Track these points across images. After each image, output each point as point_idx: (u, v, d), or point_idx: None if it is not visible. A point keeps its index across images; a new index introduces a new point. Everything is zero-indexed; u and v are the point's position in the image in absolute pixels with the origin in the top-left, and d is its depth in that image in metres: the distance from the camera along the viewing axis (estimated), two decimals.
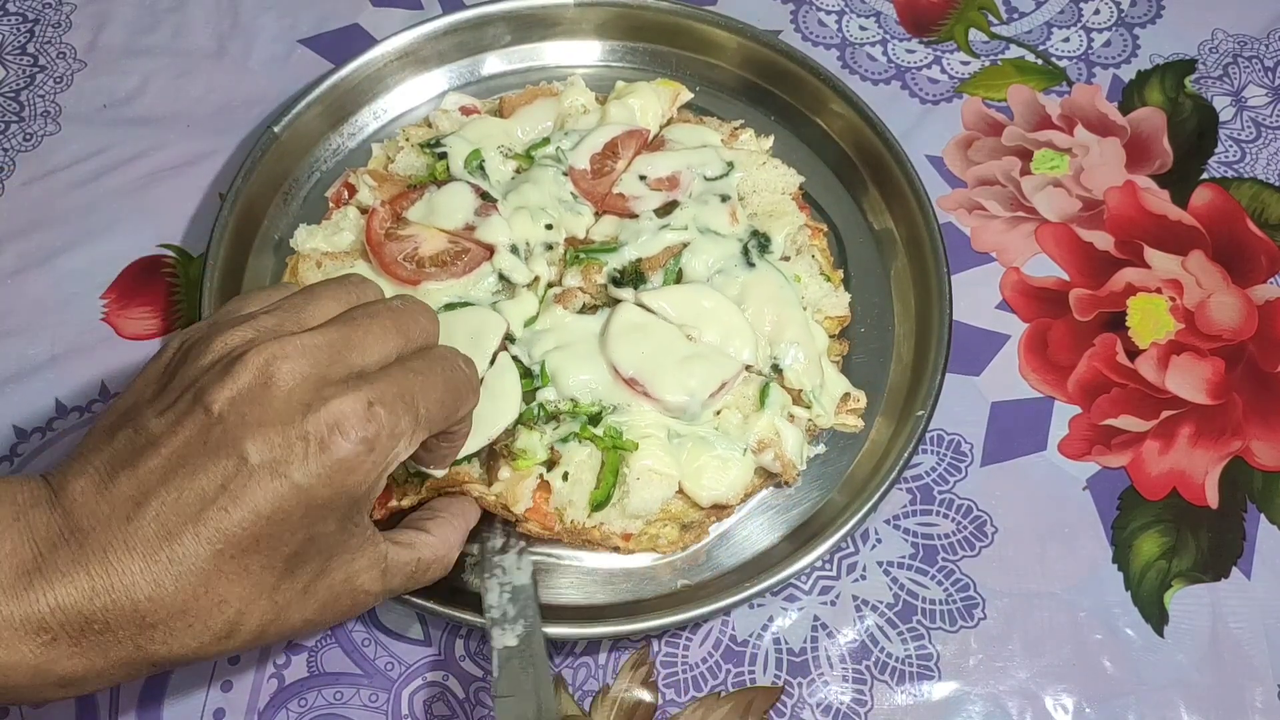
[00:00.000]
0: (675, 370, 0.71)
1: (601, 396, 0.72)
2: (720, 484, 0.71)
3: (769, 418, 0.73)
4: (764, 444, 0.72)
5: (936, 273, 0.81)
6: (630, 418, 0.71)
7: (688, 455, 0.71)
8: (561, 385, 0.72)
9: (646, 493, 0.70)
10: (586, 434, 0.70)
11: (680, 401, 0.71)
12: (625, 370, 0.71)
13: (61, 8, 1.02)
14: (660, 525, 0.72)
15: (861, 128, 0.88)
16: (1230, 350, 0.85)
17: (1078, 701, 0.73)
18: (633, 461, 0.70)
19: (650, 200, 0.82)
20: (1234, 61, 1.00)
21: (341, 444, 0.49)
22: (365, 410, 0.49)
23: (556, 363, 0.72)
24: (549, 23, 0.95)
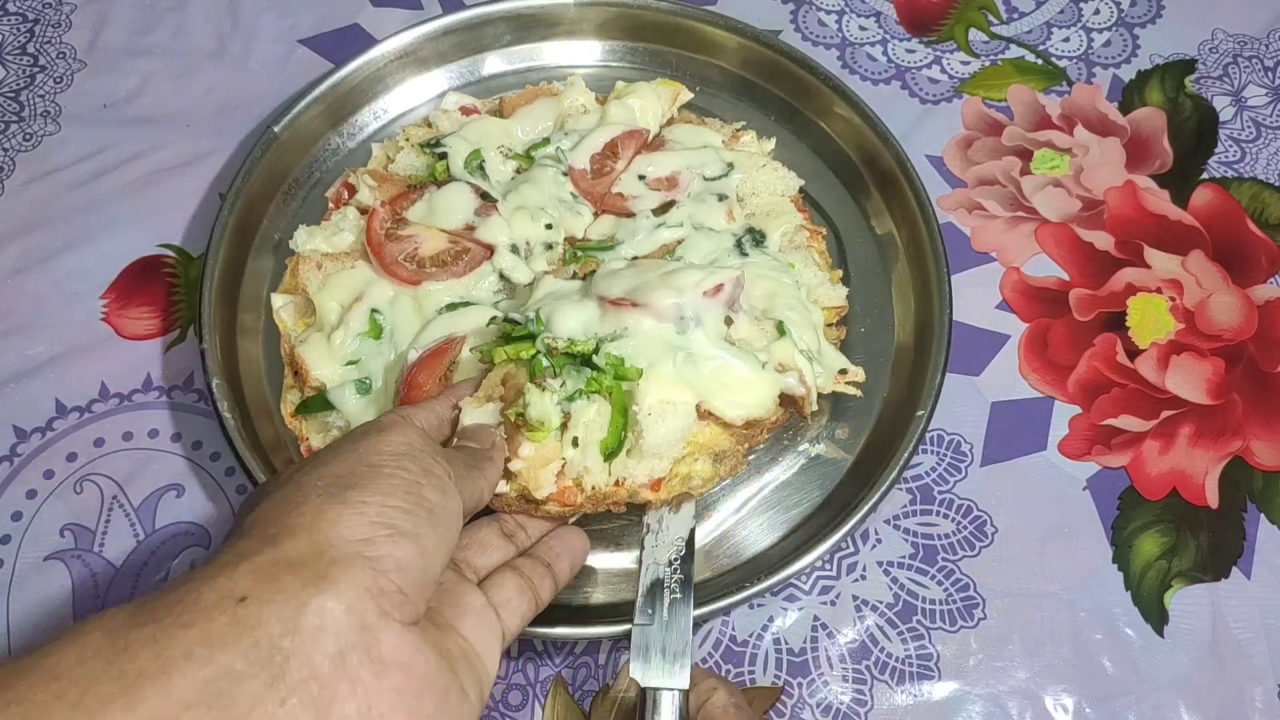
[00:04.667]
0: (662, 280, 0.68)
1: (596, 330, 0.67)
2: (749, 396, 0.67)
3: (789, 345, 0.70)
4: (786, 366, 0.69)
5: (936, 273, 0.81)
6: (630, 343, 0.66)
7: (706, 376, 0.66)
8: (556, 326, 0.68)
9: (662, 426, 0.65)
10: (593, 386, 0.65)
11: (672, 301, 0.66)
12: (612, 294, 0.68)
13: (61, 8, 1.02)
14: (690, 462, 0.68)
15: (862, 129, 0.88)
16: (1230, 350, 0.85)
17: (1078, 701, 0.73)
18: (641, 397, 0.65)
19: (649, 200, 0.82)
20: (1234, 61, 1.00)
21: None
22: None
23: (549, 309, 0.69)
24: (549, 23, 0.95)
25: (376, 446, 0.54)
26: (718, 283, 0.68)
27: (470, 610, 0.55)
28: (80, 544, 0.77)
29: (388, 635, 0.45)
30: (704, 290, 0.67)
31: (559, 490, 0.65)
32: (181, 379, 0.84)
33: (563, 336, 0.67)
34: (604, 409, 0.66)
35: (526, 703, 0.72)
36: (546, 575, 0.62)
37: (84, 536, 0.77)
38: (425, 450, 0.55)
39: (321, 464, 0.52)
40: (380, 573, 0.46)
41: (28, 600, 0.75)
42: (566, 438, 0.65)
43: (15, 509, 0.78)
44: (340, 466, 0.52)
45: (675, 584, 0.66)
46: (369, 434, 0.55)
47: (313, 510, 0.48)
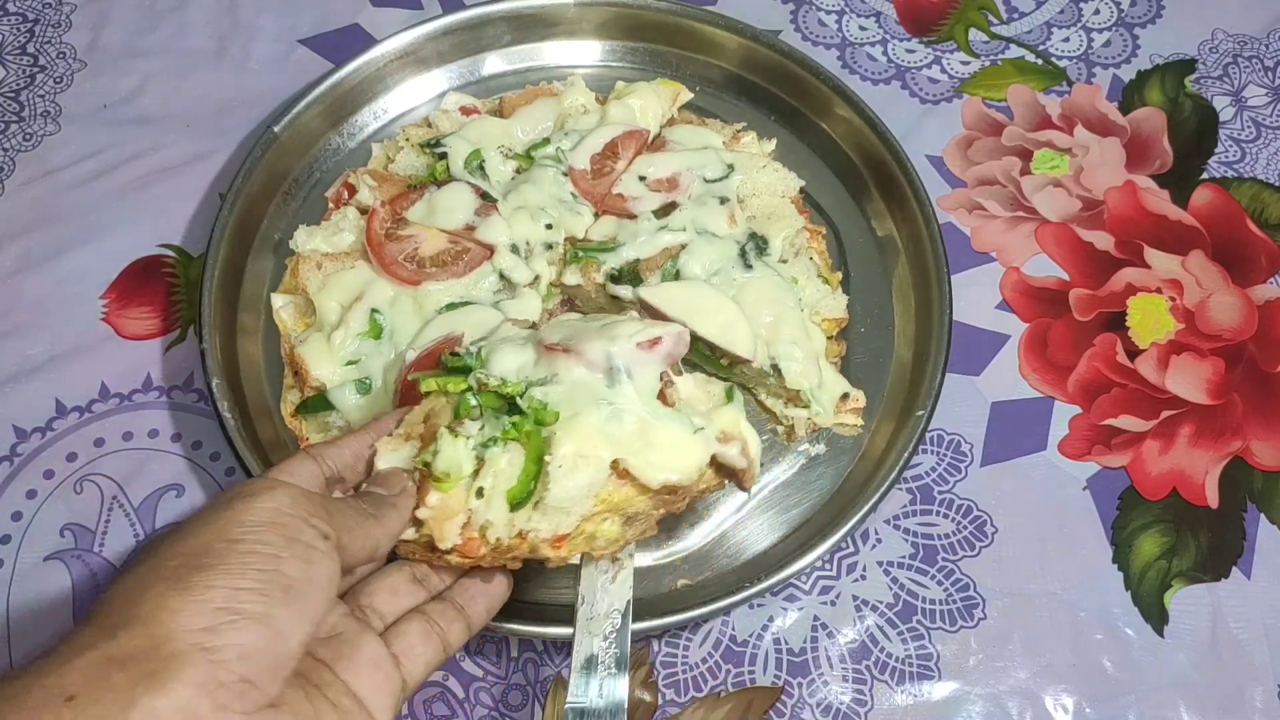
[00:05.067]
0: (600, 330, 0.65)
1: (529, 374, 0.65)
2: (673, 461, 0.62)
3: (734, 413, 0.66)
4: (729, 435, 0.64)
5: (936, 274, 0.81)
6: (557, 389, 0.63)
7: (629, 432, 0.62)
8: (492, 365, 0.66)
9: (570, 480, 0.60)
10: (510, 434, 0.62)
11: (603, 351, 0.63)
12: (549, 339, 0.65)
13: (61, 8, 1.02)
14: (598, 521, 0.63)
15: (863, 129, 0.88)
16: (1230, 350, 0.85)
17: (1078, 701, 0.73)
18: (556, 447, 0.61)
19: (649, 201, 0.82)
20: (1234, 61, 1.00)
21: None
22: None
23: (490, 348, 0.67)
24: (549, 23, 0.95)
25: (238, 517, 0.51)
26: (655, 336, 0.64)
27: (365, 662, 0.55)
28: (80, 544, 0.77)
29: None
30: (639, 342, 0.64)
31: (463, 541, 0.62)
32: (181, 379, 0.83)
33: (496, 376, 0.65)
34: (516, 459, 0.62)
35: (527, 703, 0.72)
36: (458, 619, 0.61)
37: (84, 536, 0.77)
38: (295, 514, 0.52)
39: (180, 539, 0.50)
40: (219, 664, 0.45)
41: (28, 600, 0.75)
42: (473, 487, 0.61)
43: (15, 509, 0.78)
44: (196, 542, 0.50)
45: (611, 659, 0.62)
46: (233, 501, 0.52)
47: (154, 598, 0.46)
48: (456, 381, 0.65)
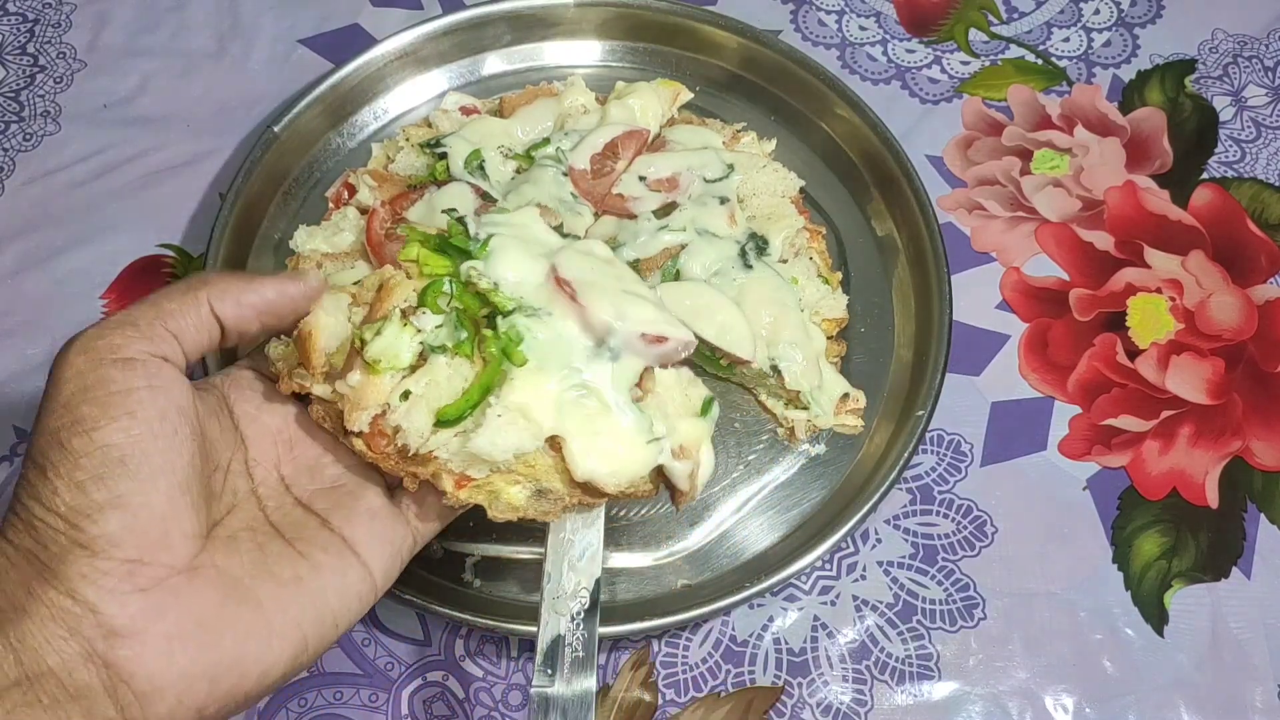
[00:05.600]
0: (616, 294, 0.60)
1: (525, 294, 0.59)
2: (606, 461, 0.57)
3: (701, 430, 0.61)
4: (686, 451, 0.60)
5: (936, 273, 0.81)
6: (541, 330, 0.58)
7: (584, 415, 0.57)
8: (496, 264, 0.59)
9: (499, 436, 0.55)
10: (465, 351, 0.57)
11: (607, 318, 0.58)
12: (563, 272, 0.59)
13: (62, 7, 1.02)
14: (509, 480, 0.58)
15: (863, 129, 0.88)
16: (1230, 350, 0.85)
17: (1078, 701, 0.73)
18: (505, 392, 0.56)
19: (649, 201, 0.82)
20: (1234, 61, 1.00)
21: None
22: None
23: (501, 243, 0.61)
24: (549, 23, 0.95)
25: (51, 401, 0.48)
26: (662, 335, 0.59)
27: (362, 511, 0.56)
28: None
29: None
30: (644, 333, 0.59)
31: (370, 431, 0.57)
32: None
33: (492, 278, 0.58)
34: (458, 377, 0.57)
35: (526, 703, 0.72)
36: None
37: None
38: (95, 365, 0.49)
39: (31, 443, 0.49)
40: (96, 554, 0.46)
41: None
42: (400, 386, 0.57)
43: None
44: (38, 443, 0.48)
45: (578, 640, 0.58)
46: (49, 383, 0.49)
47: (25, 503, 0.47)
48: (443, 262, 0.59)
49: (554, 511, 0.58)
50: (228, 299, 0.55)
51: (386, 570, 0.56)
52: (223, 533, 0.52)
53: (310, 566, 0.52)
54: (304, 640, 0.51)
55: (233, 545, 0.52)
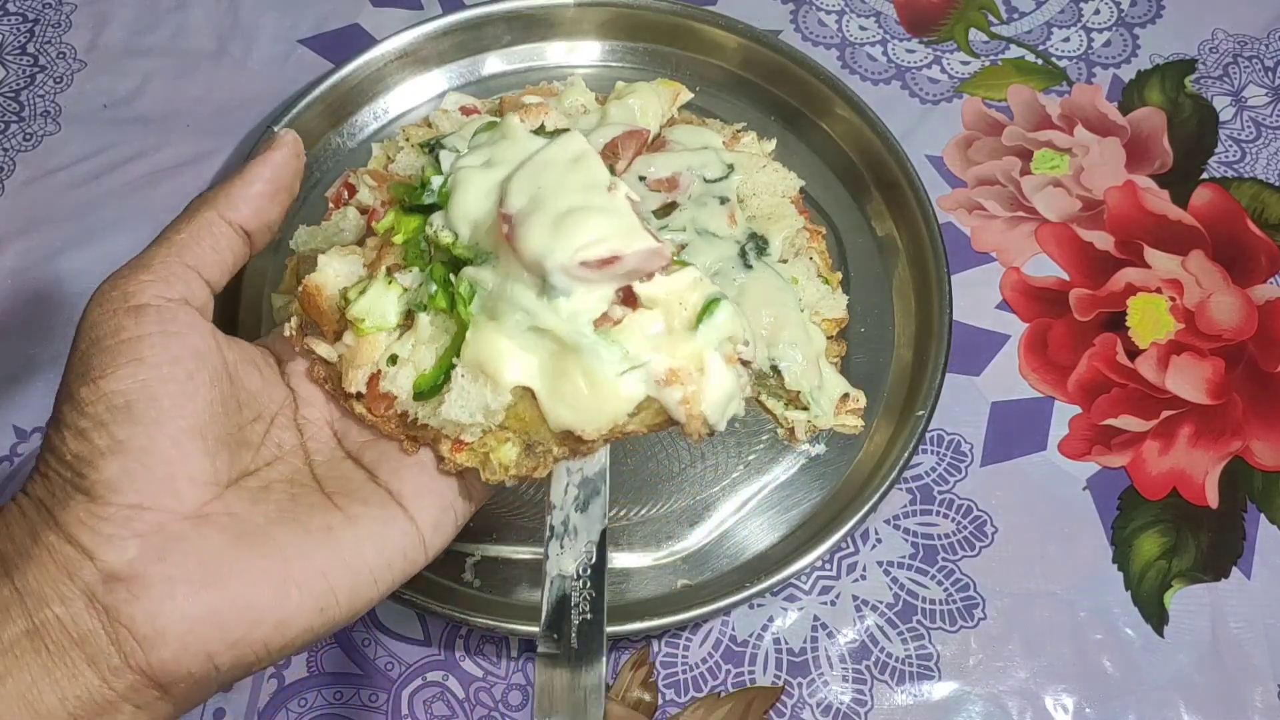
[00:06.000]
0: (558, 217, 0.49)
1: (480, 239, 0.52)
2: (576, 407, 0.50)
3: (698, 343, 0.50)
4: (675, 377, 0.50)
5: (936, 273, 0.81)
6: (492, 278, 0.51)
7: (547, 358, 0.50)
8: (456, 206, 0.52)
9: (463, 397, 0.51)
10: (438, 303, 0.52)
11: (531, 253, 0.48)
12: (508, 202, 0.50)
13: (61, 7, 1.02)
14: (500, 439, 0.52)
15: (863, 129, 0.88)
16: (1230, 350, 0.85)
17: (1078, 701, 0.73)
18: (465, 350, 0.51)
19: (649, 201, 0.82)
20: (1234, 61, 1.00)
21: None
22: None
23: (464, 177, 0.53)
24: (549, 23, 0.95)
25: (74, 347, 0.47)
26: (612, 254, 0.49)
27: (412, 463, 0.52)
28: None
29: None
30: (584, 260, 0.48)
31: (370, 393, 0.53)
32: None
33: (454, 224, 0.52)
34: (441, 335, 0.53)
35: (527, 703, 0.72)
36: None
37: None
38: (110, 311, 0.47)
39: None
40: (94, 499, 0.44)
41: None
42: (389, 348, 0.53)
43: None
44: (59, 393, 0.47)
45: (585, 601, 0.53)
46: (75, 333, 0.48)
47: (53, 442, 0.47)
48: (414, 222, 0.55)
49: (543, 465, 0.52)
50: (237, 203, 0.52)
51: (437, 525, 0.51)
52: (254, 482, 0.50)
53: (345, 518, 0.49)
54: (330, 592, 0.47)
55: (261, 495, 0.49)
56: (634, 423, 0.51)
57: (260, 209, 0.53)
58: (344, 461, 0.54)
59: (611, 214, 0.50)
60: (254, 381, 0.53)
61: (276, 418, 0.54)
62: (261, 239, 0.54)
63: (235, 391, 0.51)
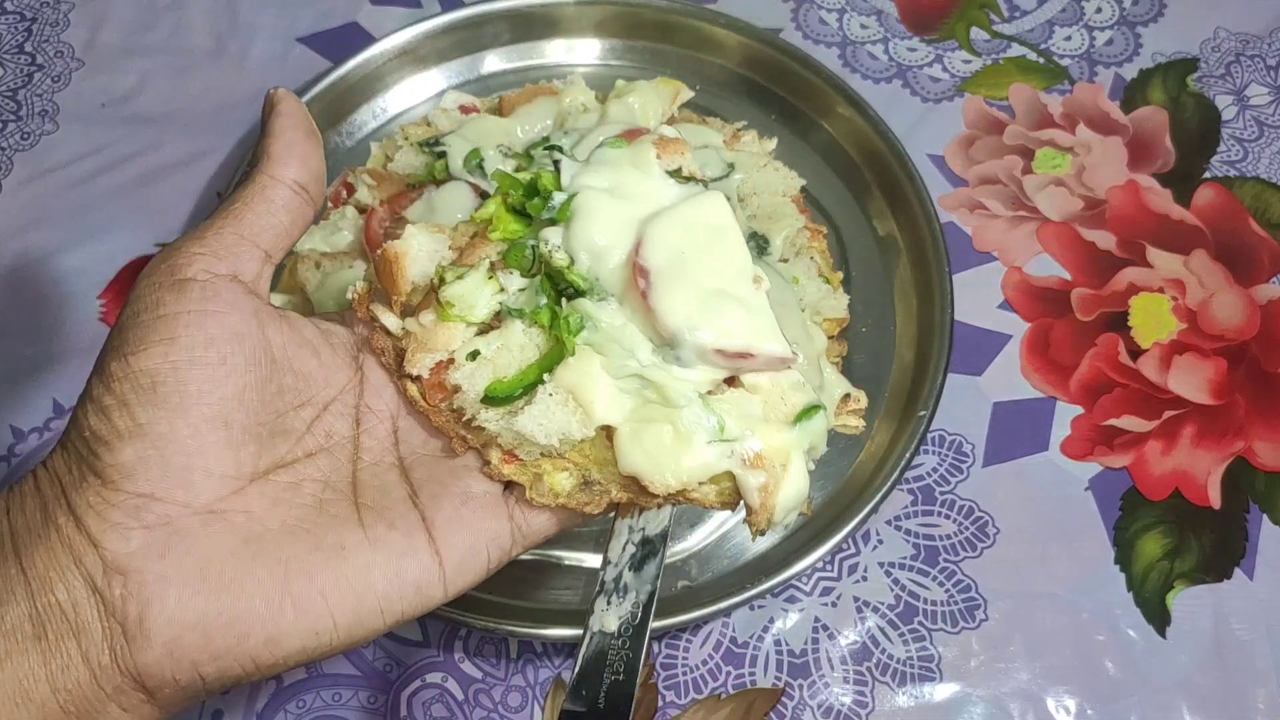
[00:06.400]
0: (699, 295, 0.50)
1: (603, 274, 0.52)
2: (655, 456, 0.50)
3: (790, 440, 0.52)
4: (761, 462, 0.51)
5: (938, 273, 0.81)
6: (608, 318, 0.51)
7: (642, 403, 0.51)
8: (577, 232, 0.51)
9: (546, 417, 0.50)
10: (540, 318, 0.52)
11: (672, 324, 0.49)
12: (645, 253, 0.50)
13: (59, 6, 1.02)
14: (559, 465, 0.52)
15: (864, 128, 0.88)
16: (1233, 350, 0.85)
17: (1080, 703, 0.72)
18: (560, 371, 0.51)
19: None
20: (1236, 60, 1.00)
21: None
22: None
23: (590, 202, 0.52)
24: (548, 21, 0.95)
25: (112, 329, 0.47)
26: (747, 351, 0.50)
27: (454, 494, 0.49)
28: None
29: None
30: (720, 348, 0.50)
31: (431, 379, 0.52)
32: None
33: (572, 247, 0.51)
34: (530, 347, 0.52)
35: (526, 704, 0.72)
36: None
37: None
38: (154, 285, 0.46)
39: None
40: (107, 484, 0.43)
41: None
42: (470, 343, 0.52)
43: None
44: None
45: (621, 662, 0.51)
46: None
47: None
48: (518, 226, 0.54)
49: (595, 504, 0.52)
50: (282, 158, 0.51)
51: (462, 564, 0.49)
52: (286, 477, 0.48)
53: (364, 539, 0.47)
54: (329, 615, 0.45)
55: (287, 494, 0.47)
56: (701, 491, 0.52)
57: (304, 156, 0.51)
58: (391, 470, 0.51)
59: (754, 310, 0.51)
60: (308, 364, 0.50)
61: (333, 403, 0.51)
62: (317, 191, 0.52)
63: (279, 375, 0.48)
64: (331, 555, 0.46)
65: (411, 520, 0.48)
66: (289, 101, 0.53)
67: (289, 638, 0.44)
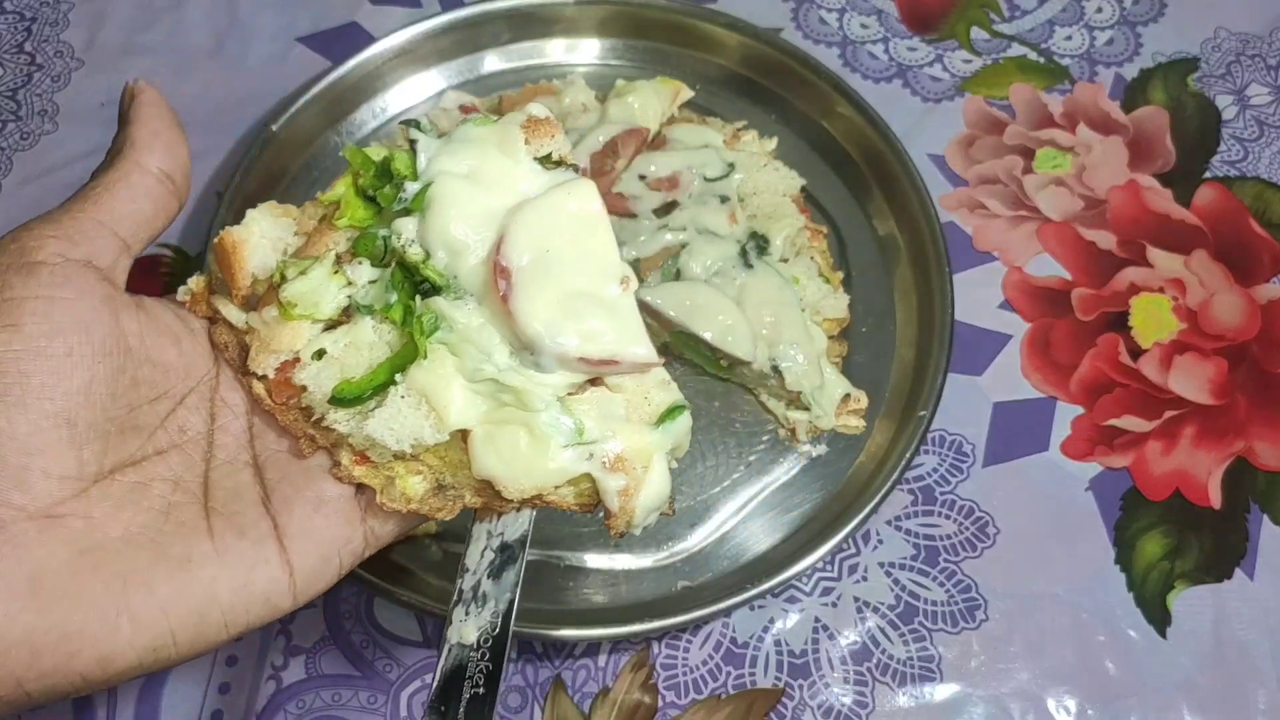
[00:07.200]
0: (563, 297, 0.48)
1: (459, 272, 0.49)
2: (509, 461, 0.48)
3: (652, 441, 0.50)
4: (621, 465, 0.49)
5: (938, 273, 0.81)
6: (464, 319, 0.48)
7: (497, 406, 0.49)
8: (433, 225, 0.48)
9: (397, 421, 0.48)
10: (393, 314, 0.49)
11: (533, 331, 0.47)
12: (507, 251, 0.47)
13: (59, 6, 1.02)
14: (411, 470, 0.50)
15: (864, 128, 0.88)
16: (1233, 350, 0.85)
17: (1080, 703, 0.72)
18: (412, 372, 0.48)
19: (649, 200, 0.81)
20: (1237, 60, 1.00)
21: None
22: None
23: (447, 192, 0.49)
24: (548, 20, 0.95)
25: None
26: (611, 357, 0.48)
27: (306, 499, 0.47)
28: None
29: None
30: (584, 355, 0.48)
31: (276, 378, 0.49)
32: None
33: (427, 240, 0.48)
34: (381, 345, 0.49)
35: (526, 705, 0.72)
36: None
37: None
38: (3, 266, 0.43)
39: None
40: None
41: None
42: (316, 340, 0.49)
43: None
44: None
45: (480, 674, 0.48)
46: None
47: None
48: (367, 213, 0.50)
49: (449, 509, 0.50)
50: (148, 144, 0.48)
51: (313, 573, 0.47)
52: (133, 477, 0.45)
53: (211, 550, 0.44)
54: (169, 633, 0.42)
55: (133, 496, 0.44)
56: (558, 494, 0.50)
57: (170, 145, 0.49)
58: (245, 470, 0.48)
59: (619, 314, 0.49)
60: (167, 353, 0.47)
61: (189, 396, 0.48)
62: (183, 183, 0.49)
63: (134, 367, 0.45)
64: (176, 568, 0.43)
65: (263, 528, 0.46)
66: (151, 92, 0.50)
67: (123, 655, 0.42)
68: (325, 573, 0.48)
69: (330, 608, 0.74)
